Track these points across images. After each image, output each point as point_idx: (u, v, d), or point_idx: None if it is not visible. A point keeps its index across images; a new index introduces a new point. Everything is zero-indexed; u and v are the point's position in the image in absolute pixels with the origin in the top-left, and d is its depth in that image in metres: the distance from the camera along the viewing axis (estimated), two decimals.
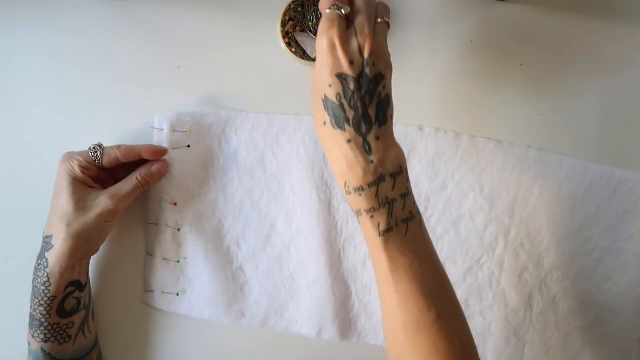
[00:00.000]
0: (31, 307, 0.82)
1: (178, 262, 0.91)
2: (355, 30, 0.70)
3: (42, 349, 0.81)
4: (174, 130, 0.89)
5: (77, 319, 0.83)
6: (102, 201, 0.82)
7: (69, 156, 0.84)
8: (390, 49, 0.90)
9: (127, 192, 0.84)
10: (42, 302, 0.80)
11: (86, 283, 0.85)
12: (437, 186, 0.90)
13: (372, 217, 0.70)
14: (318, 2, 0.90)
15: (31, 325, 0.82)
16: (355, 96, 0.69)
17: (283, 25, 0.90)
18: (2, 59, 0.94)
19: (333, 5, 0.70)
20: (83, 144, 0.87)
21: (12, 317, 0.86)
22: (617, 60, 0.92)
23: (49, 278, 0.80)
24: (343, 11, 0.70)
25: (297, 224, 0.91)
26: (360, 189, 0.70)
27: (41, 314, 0.80)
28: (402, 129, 0.90)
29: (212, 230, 0.91)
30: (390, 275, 0.70)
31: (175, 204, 0.90)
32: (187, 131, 0.90)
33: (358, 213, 0.71)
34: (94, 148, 0.84)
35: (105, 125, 0.92)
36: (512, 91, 0.92)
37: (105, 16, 0.94)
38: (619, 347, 0.88)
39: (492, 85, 0.92)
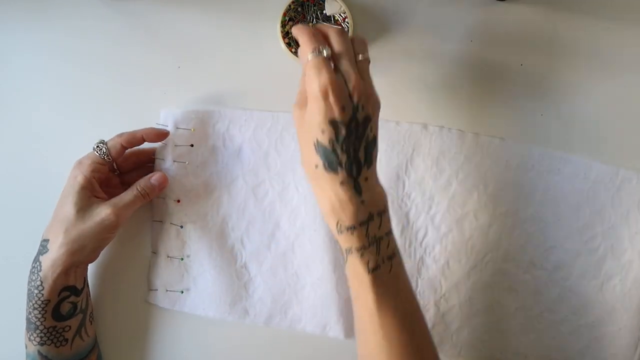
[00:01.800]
0: (27, 310, 0.81)
1: (182, 259, 0.91)
2: (342, 75, 0.71)
3: (38, 351, 0.81)
4: (177, 128, 0.89)
5: (74, 322, 0.83)
6: (103, 211, 0.81)
7: (79, 162, 0.84)
8: (391, 49, 0.91)
9: (127, 202, 0.83)
10: (36, 306, 0.80)
11: (83, 288, 0.84)
12: (441, 184, 0.90)
13: (362, 255, 0.73)
14: (318, 3, 0.91)
15: (28, 328, 0.81)
16: (348, 141, 0.71)
17: (283, 25, 0.90)
18: (2, 58, 0.94)
19: (314, 50, 0.71)
20: (83, 144, 0.87)
21: (12, 318, 0.85)
22: (617, 60, 0.92)
23: (42, 282, 0.79)
24: (325, 53, 0.72)
25: (301, 222, 0.91)
26: (352, 228, 0.73)
27: (36, 317, 0.80)
28: (407, 127, 0.90)
29: (216, 228, 0.91)
30: (375, 312, 0.73)
31: (178, 201, 0.90)
32: (190, 129, 0.89)
33: (348, 251, 0.74)
34: (98, 145, 0.85)
35: (105, 125, 0.91)
36: (512, 91, 0.92)
37: (105, 16, 0.93)
38: (623, 345, 0.88)
39: (492, 85, 0.92)
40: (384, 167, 0.90)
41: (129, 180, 0.88)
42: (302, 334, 0.91)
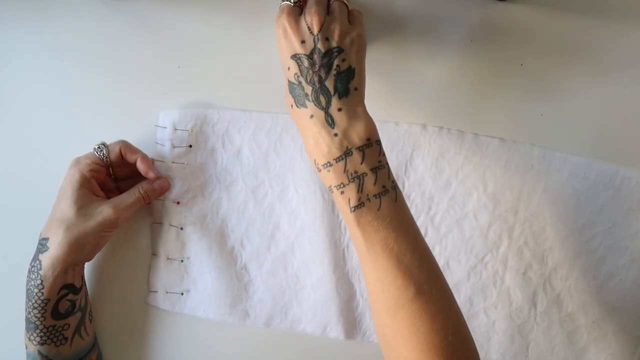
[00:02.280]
0: (26, 310, 0.81)
1: (182, 261, 0.91)
2: (304, 12, 0.73)
3: (39, 351, 0.81)
4: (176, 129, 0.89)
5: (73, 320, 0.83)
6: (104, 211, 0.82)
7: (77, 160, 0.84)
8: (391, 49, 0.90)
9: (128, 204, 0.84)
10: (35, 305, 0.80)
11: (81, 286, 0.84)
12: (441, 185, 0.90)
13: (342, 192, 0.70)
14: None
15: (27, 328, 0.81)
16: (311, 72, 0.71)
17: None
18: (2, 58, 0.94)
19: (282, 1, 0.76)
20: (83, 144, 0.87)
21: (12, 318, 0.85)
22: (617, 60, 0.92)
23: (42, 281, 0.79)
24: (292, 0, 0.75)
25: (301, 223, 0.91)
26: (327, 165, 0.71)
27: (36, 317, 0.80)
28: (406, 127, 0.90)
29: (216, 229, 0.91)
30: (366, 252, 0.70)
31: (178, 203, 0.90)
32: (188, 130, 0.90)
33: (330, 190, 0.72)
34: (99, 147, 0.85)
35: (105, 125, 0.92)
36: (512, 91, 0.92)
37: (105, 16, 0.93)
38: (623, 344, 0.88)
39: (492, 85, 0.92)
40: None
41: (125, 187, 0.89)
42: (302, 335, 0.91)
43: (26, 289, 0.81)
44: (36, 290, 0.79)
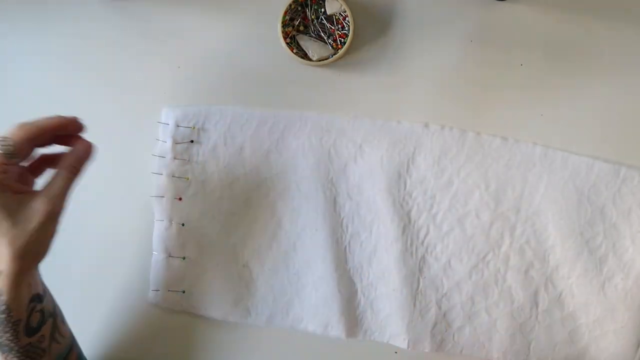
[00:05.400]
0: None
1: (183, 259, 0.91)
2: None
3: None
4: (178, 126, 0.89)
5: (46, 330, 0.79)
6: (40, 207, 0.73)
7: None
8: (391, 49, 0.92)
9: (60, 187, 0.75)
10: (7, 330, 0.74)
11: (44, 290, 0.80)
12: (443, 183, 0.90)
13: None
14: (318, 2, 0.91)
15: (2, 351, 0.76)
16: None
17: (283, 25, 0.90)
18: (2, 60, 0.94)
19: None
20: None
21: None
22: (617, 60, 0.92)
23: (7, 306, 0.73)
24: None
25: (302, 221, 0.91)
26: None
27: (9, 340, 0.75)
28: (408, 126, 0.90)
29: (218, 227, 0.91)
30: None
31: (180, 199, 0.90)
32: (191, 127, 0.89)
33: None
34: (2, 139, 0.72)
35: (105, 125, 0.92)
36: (511, 91, 0.92)
37: (106, 16, 0.94)
38: (625, 344, 0.88)
39: (492, 85, 0.92)
40: (385, 166, 0.90)
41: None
42: (303, 334, 0.91)
43: None
44: (4, 316, 0.74)
